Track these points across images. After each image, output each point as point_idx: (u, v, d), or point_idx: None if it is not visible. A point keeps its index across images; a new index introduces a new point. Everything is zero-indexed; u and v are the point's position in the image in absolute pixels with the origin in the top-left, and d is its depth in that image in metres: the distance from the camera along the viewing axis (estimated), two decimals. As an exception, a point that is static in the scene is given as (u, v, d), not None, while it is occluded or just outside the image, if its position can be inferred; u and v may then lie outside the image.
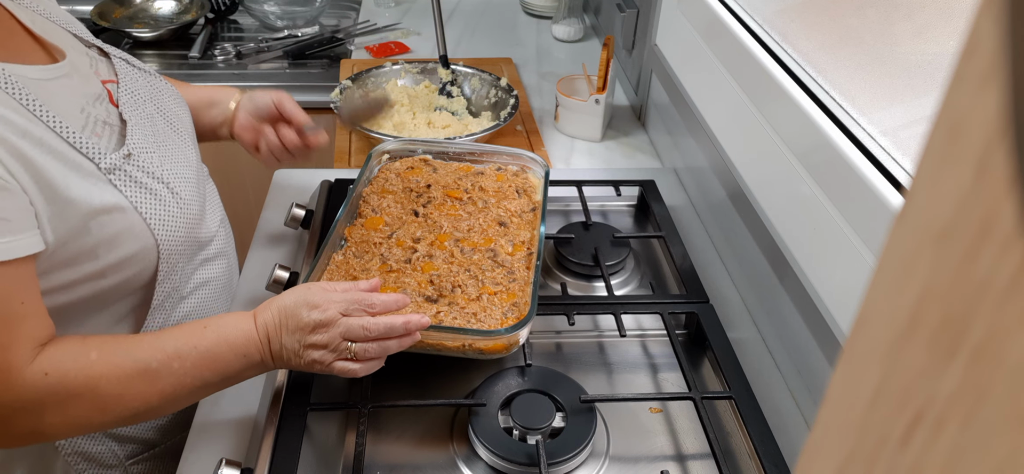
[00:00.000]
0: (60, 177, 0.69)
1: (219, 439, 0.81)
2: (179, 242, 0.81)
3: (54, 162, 0.69)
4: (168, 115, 0.90)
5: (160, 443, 0.95)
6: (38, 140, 0.68)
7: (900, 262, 0.19)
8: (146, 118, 0.84)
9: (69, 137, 0.72)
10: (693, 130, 1.18)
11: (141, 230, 0.77)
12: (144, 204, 0.77)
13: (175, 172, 0.83)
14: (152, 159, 0.80)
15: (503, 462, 0.77)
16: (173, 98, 0.93)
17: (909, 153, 0.71)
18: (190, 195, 0.84)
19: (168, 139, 0.86)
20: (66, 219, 0.70)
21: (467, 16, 1.95)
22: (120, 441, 0.91)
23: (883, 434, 0.20)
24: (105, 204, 0.73)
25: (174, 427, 0.95)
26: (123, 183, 0.75)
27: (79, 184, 0.71)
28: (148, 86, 0.89)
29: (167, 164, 0.82)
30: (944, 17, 0.70)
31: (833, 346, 0.78)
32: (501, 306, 0.85)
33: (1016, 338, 0.15)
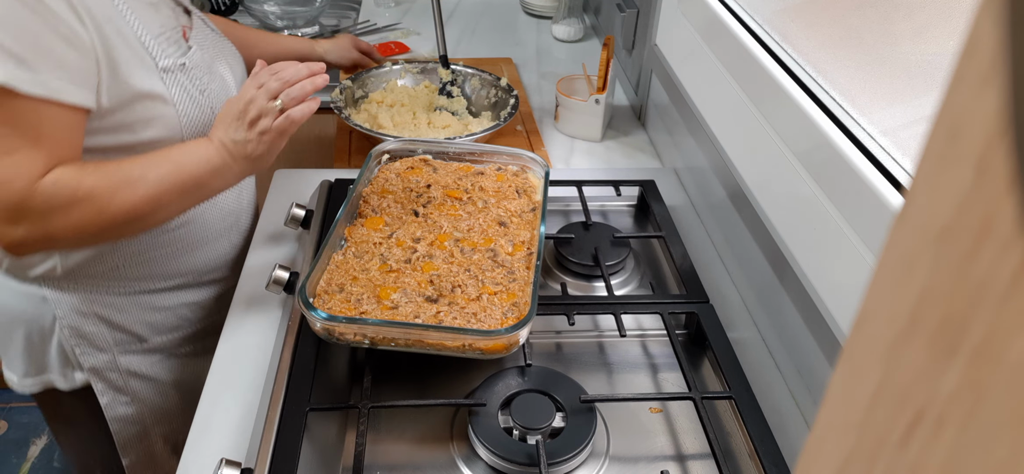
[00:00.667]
0: (124, 59, 0.87)
1: (219, 439, 0.81)
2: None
3: (124, 47, 0.87)
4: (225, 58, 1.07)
5: (148, 339, 1.07)
6: (118, 30, 0.87)
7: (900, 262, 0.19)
8: (208, 58, 1.02)
9: (141, 36, 0.90)
10: (693, 130, 1.18)
11: (173, 122, 0.93)
12: (182, 105, 0.94)
13: (217, 95, 1.00)
14: (203, 77, 0.98)
15: (503, 462, 0.77)
16: (233, 57, 1.11)
17: (909, 153, 0.71)
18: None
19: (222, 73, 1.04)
20: (119, 92, 0.88)
21: (467, 16, 1.95)
22: (111, 327, 1.04)
23: (883, 434, 0.20)
24: (152, 91, 0.91)
25: (162, 327, 1.08)
26: (172, 83, 0.93)
27: (137, 70, 0.89)
28: (215, 43, 1.06)
29: (214, 86, 1.00)
30: (944, 17, 0.70)
31: (833, 346, 0.78)
32: (501, 306, 0.85)
33: (1016, 338, 0.15)
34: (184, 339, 1.12)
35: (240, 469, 0.73)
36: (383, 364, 0.88)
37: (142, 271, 1.03)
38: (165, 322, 1.08)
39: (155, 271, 1.04)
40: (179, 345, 1.12)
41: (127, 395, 1.09)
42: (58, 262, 0.97)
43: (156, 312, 1.07)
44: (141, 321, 1.06)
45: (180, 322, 1.10)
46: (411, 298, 0.86)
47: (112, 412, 1.09)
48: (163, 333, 1.09)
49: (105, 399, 1.08)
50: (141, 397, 1.11)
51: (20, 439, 2.01)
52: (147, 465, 1.17)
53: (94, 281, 1.00)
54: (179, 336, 1.11)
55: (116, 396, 1.08)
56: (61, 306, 1.00)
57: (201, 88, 0.97)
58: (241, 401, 0.85)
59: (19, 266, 0.98)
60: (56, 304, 1.00)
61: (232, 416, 0.84)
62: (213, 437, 0.82)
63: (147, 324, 1.06)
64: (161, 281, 1.06)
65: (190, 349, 1.13)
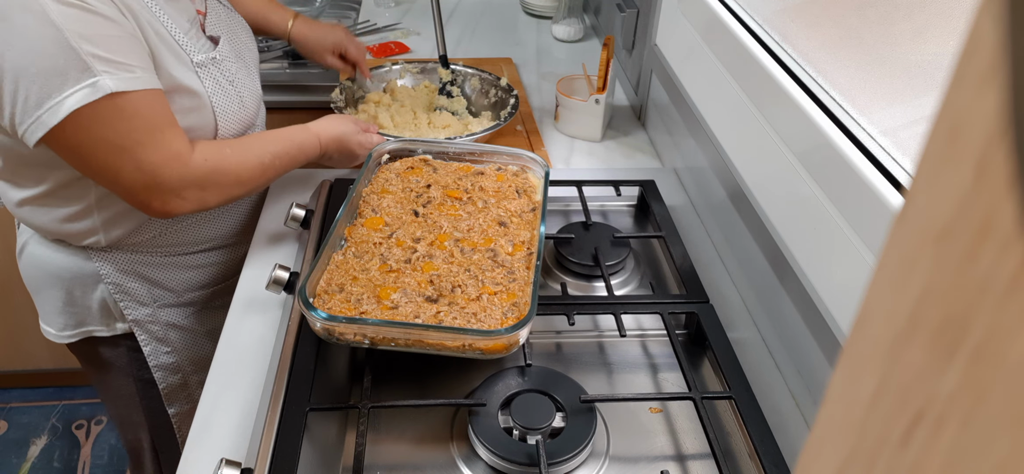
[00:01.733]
0: (163, 55, 0.95)
1: (219, 439, 0.81)
2: (231, 133, 1.06)
3: (161, 44, 0.95)
4: (241, 48, 1.13)
5: (183, 294, 1.18)
6: (155, 30, 0.94)
7: (900, 262, 0.19)
8: (234, 48, 1.09)
9: (174, 34, 0.97)
10: (693, 130, 1.18)
11: (208, 113, 1.01)
12: (216, 97, 1.01)
13: (244, 84, 1.08)
14: (231, 68, 1.05)
15: (503, 462, 0.77)
16: (246, 33, 1.18)
17: (909, 153, 0.71)
18: (252, 105, 1.10)
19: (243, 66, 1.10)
20: (164, 76, 0.94)
21: (467, 16, 1.95)
22: (151, 284, 1.14)
23: (883, 434, 0.20)
24: (189, 85, 0.98)
25: (194, 285, 1.19)
26: (206, 77, 1.01)
27: (174, 64, 0.96)
28: (229, 22, 1.13)
29: (241, 76, 1.08)
30: (944, 17, 0.70)
31: (833, 346, 0.78)
32: (501, 306, 0.85)
33: (1016, 338, 0.15)
34: (213, 294, 1.22)
35: (240, 469, 0.73)
36: (383, 364, 0.88)
37: (175, 238, 1.12)
38: (197, 279, 1.18)
39: (186, 238, 1.14)
40: (210, 299, 1.22)
41: (168, 345, 1.19)
42: (102, 236, 1.06)
43: (189, 270, 1.17)
44: (176, 279, 1.16)
45: (209, 279, 1.20)
46: (411, 298, 0.85)
47: (155, 360, 1.19)
48: (195, 289, 1.19)
49: (148, 348, 1.18)
50: (179, 346, 1.21)
51: (20, 439, 2.01)
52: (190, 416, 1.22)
53: (135, 247, 1.10)
54: (209, 291, 1.21)
55: (158, 346, 1.18)
56: (106, 267, 1.09)
57: (230, 78, 1.04)
58: (241, 401, 0.85)
59: (68, 236, 1.06)
60: (101, 265, 1.09)
61: (232, 416, 0.84)
62: (213, 437, 0.82)
63: (182, 281, 1.17)
64: (192, 246, 1.15)
65: (220, 302, 1.23)
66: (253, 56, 1.17)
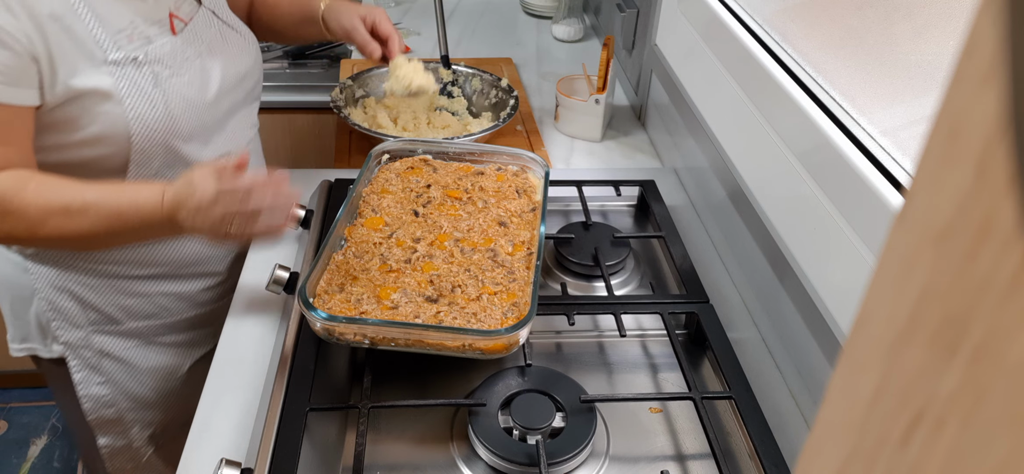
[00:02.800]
0: (66, 55, 0.85)
1: (219, 439, 0.81)
2: (154, 146, 0.93)
3: (69, 44, 0.85)
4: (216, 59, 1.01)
5: (122, 322, 1.06)
6: (66, 27, 0.84)
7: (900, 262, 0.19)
8: (190, 54, 0.98)
9: (92, 30, 0.87)
10: (693, 130, 1.18)
11: (120, 120, 0.89)
12: (130, 98, 0.89)
13: (180, 92, 0.94)
14: (162, 73, 0.93)
15: (503, 462, 0.77)
16: (235, 51, 1.06)
17: (909, 153, 0.71)
18: (185, 116, 0.95)
19: (197, 79, 0.98)
20: (62, 88, 0.85)
21: (467, 16, 1.95)
22: (83, 305, 1.03)
23: (883, 434, 0.20)
24: (97, 87, 0.87)
25: (138, 314, 1.06)
26: (121, 77, 0.89)
27: (81, 65, 0.86)
28: (215, 34, 1.03)
29: (176, 82, 0.94)
30: (944, 17, 0.70)
31: (833, 346, 0.78)
32: (501, 306, 0.85)
33: (1016, 338, 0.15)
34: (163, 327, 1.09)
35: (240, 469, 0.73)
36: (383, 364, 0.88)
37: (115, 255, 1.01)
38: (141, 308, 1.06)
39: (129, 257, 1.02)
40: (158, 332, 1.09)
41: (101, 374, 1.08)
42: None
43: (131, 297, 1.05)
44: (115, 304, 1.04)
45: (158, 310, 1.07)
46: (411, 298, 0.86)
47: (85, 389, 1.08)
48: (139, 319, 1.07)
49: (78, 375, 1.07)
50: (115, 379, 1.09)
51: (20, 439, 2.01)
52: (124, 453, 1.16)
53: (66, 258, 1.00)
54: (157, 323, 1.08)
55: (89, 374, 1.07)
56: (40, 278, 1.01)
57: (158, 82, 0.92)
58: (241, 401, 0.85)
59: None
60: (36, 276, 1.01)
61: (232, 416, 0.84)
62: (213, 437, 0.82)
63: (121, 307, 1.04)
64: (136, 268, 1.03)
65: (171, 338, 1.10)
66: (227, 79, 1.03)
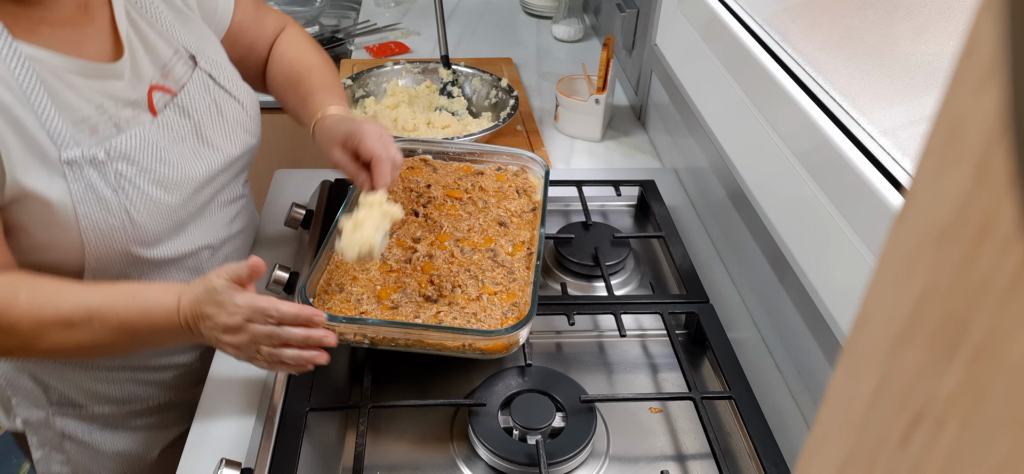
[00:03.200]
0: (16, 154, 0.74)
1: (219, 439, 0.81)
2: (113, 253, 0.81)
3: (16, 139, 0.74)
4: (205, 136, 0.90)
5: (86, 406, 0.96)
6: (14, 118, 0.73)
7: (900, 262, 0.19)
8: (172, 137, 0.86)
9: (46, 122, 0.75)
10: (693, 130, 1.18)
11: (72, 229, 0.78)
12: (84, 207, 0.78)
13: (147, 194, 0.82)
14: (127, 172, 0.80)
15: (503, 462, 0.77)
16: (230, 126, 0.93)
17: (909, 153, 0.71)
18: (150, 222, 0.83)
19: (181, 162, 0.86)
20: (9, 189, 0.75)
21: (467, 16, 1.95)
22: (44, 387, 0.94)
23: (883, 434, 0.20)
24: (45, 194, 0.76)
25: (103, 398, 0.96)
26: (74, 179, 0.77)
27: (31, 166, 0.75)
28: (209, 103, 0.91)
29: (142, 182, 0.82)
30: (944, 17, 0.70)
31: (833, 346, 0.78)
32: (501, 306, 0.85)
33: (1016, 338, 0.15)
34: (130, 413, 0.98)
35: (240, 469, 0.73)
36: (383, 364, 0.88)
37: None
38: (108, 393, 0.96)
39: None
40: (125, 418, 0.99)
41: (62, 454, 0.98)
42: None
43: (98, 383, 0.95)
44: (79, 388, 0.94)
45: (126, 396, 0.97)
46: (411, 298, 0.86)
47: (45, 468, 0.99)
48: (105, 404, 0.96)
49: (38, 454, 0.98)
50: (78, 461, 0.99)
51: (20, 439, 2.00)
52: None
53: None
54: (125, 410, 0.98)
55: (50, 453, 0.98)
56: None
57: (117, 186, 0.79)
58: (241, 401, 0.85)
59: None
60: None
61: (232, 416, 0.84)
62: (213, 437, 0.82)
63: (85, 391, 0.94)
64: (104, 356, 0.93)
65: (140, 423, 1.00)
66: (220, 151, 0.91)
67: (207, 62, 0.92)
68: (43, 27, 0.78)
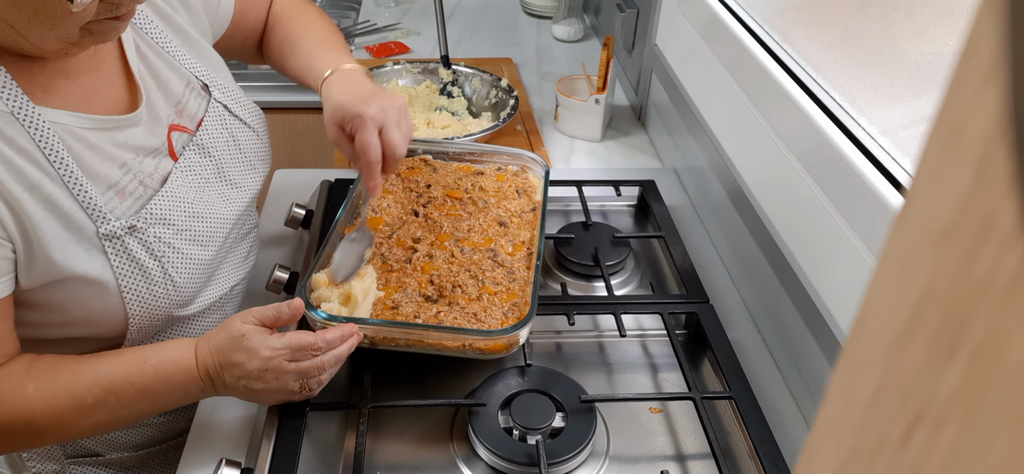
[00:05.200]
0: (51, 236, 0.70)
1: (219, 439, 0.81)
2: (155, 320, 0.80)
3: (52, 219, 0.70)
4: (227, 175, 0.88)
5: (103, 454, 0.94)
6: (45, 197, 0.69)
7: (900, 262, 0.19)
8: (194, 183, 0.83)
9: (79, 196, 0.71)
10: (693, 130, 1.18)
11: (115, 303, 0.76)
12: (128, 279, 0.76)
13: (185, 254, 0.80)
14: (164, 235, 0.78)
15: (503, 462, 0.77)
16: (248, 159, 0.92)
17: (909, 153, 0.71)
18: (189, 282, 0.81)
19: (210, 212, 0.84)
20: (43, 272, 0.71)
21: (467, 16, 1.95)
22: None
23: (883, 434, 0.20)
24: (87, 273, 0.73)
25: (121, 445, 0.94)
26: (115, 253, 0.74)
27: (69, 245, 0.71)
28: (227, 139, 0.89)
29: (179, 243, 0.80)
30: (944, 17, 0.70)
31: (833, 346, 0.78)
32: (501, 306, 0.85)
33: (1016, 338, 0.15)
34: (147, 455, 0.96)
35: (240, 469, 0.73)
36: (383, 364, 0.88)
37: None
38: (124, 439, 0.93)
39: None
40: (141, 461, 0.96)
41: None
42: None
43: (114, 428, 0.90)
44: (96, 439, 0.92)
45: (143, 440, 0.94)
46: (411, 298, 0.86)
47: None
48: (121, 450, 0.94)
49: None
50: None
51: (20, 439, 2.00)
52: None
53: None
54: (141, 452, 0.95)
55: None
56: None
57: (157, 253, 0.77)
58: (241, 401, 0.85)
59: None
60: None
61: (232, 416, 0.84)
62: (213, 437, 0.82)
63: (103, 440, 0.92)
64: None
65: (155, 461, 0.98)
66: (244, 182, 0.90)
67: (221, 92, 0.90)
68: (59, 81, 0.74)
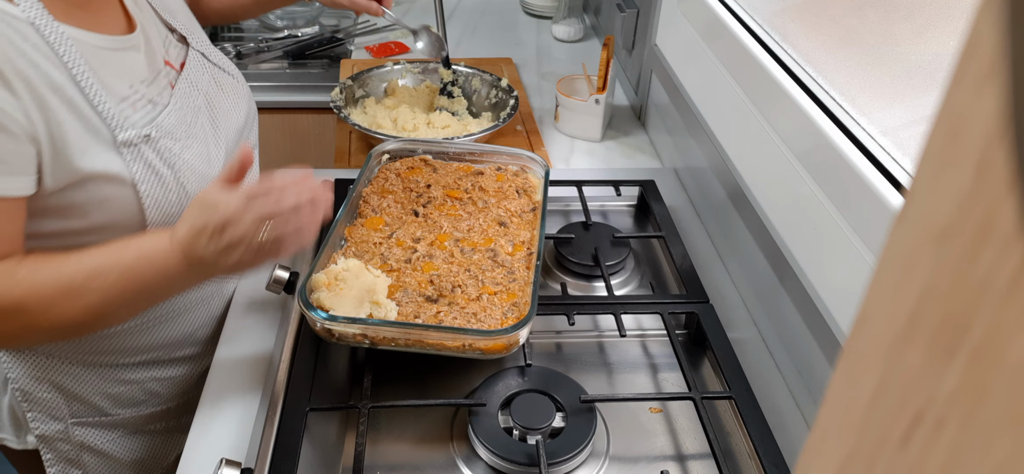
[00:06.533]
0: (74, 136, 0.74)
1: (219, 439, 0.81)
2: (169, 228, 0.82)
3: (74, 121, 0.74)
4: (216, 112, 0.93)
5: (109, 412, 0.96)
6: (68, 99, 0.74)
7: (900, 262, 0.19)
8: (190, 109, 0.88)
9: (98, 103, 0.76)
10: (693, 130, 1.18)
11: (131, 205, 0.80)
12: (145, 184, 0.80)
13: (192, 166, 0.85)
14: (173, 147, 0.83)
15: (503, 462, 0.77)
16: (231, 99, 0.97)
17: (909, 153, 0.71)
18: (196, 189, 0.85)
19: (203, 134, 0.89)
20: (66, 171, 0.75)
21: (467, 16, 1.95)
22: (67, 396, 0.93)
23: (883, 434, 0.20)
24: (107, 171, 0.77)
25: (125, 401, 0.96)
26: (132, 159, 0.79)
27: (90, 146, 0.76)
28: (209, 81, 0.94)
29: (187, 155, 0.85)
30: (944, 17, 0.70)
31: (833, 346, 0.78)
32: (501, 306, 0.85)
33: (1016, 338, 0.15)
34: (151, 416, 0.99)
35: (240, 469, 0.73)
36: (383, 364, 0.88)
37: (105, 345, 0.91)
38: (130, 396, 0.96)
39: (120, 345, 0.92)
40: (145, 422, 0.99)
41: (79, 468, 0.98)
42: None
43: (120, 385, 0.95)
44: (102, 393, 0.94)
45: (147, 397, 0.98)
46: (411, 298, 0.86)
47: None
48: (127, 407, 0.97)
49: (53, 470, 0.97)
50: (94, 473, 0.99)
51: (20, 439, 2.00)
52: None
53: (49, 351, 0.90)
54: (145, 412, 0.98)
55: (66, 468, 0.97)
56: (14, 369, 0.91)
57: (169, 162, 0.82)
58: (241, 401, 0.85)
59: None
60: (8, 366, 0.91)
61: (232, 416, 0.84)
62: (213, 437, 0.82)
63: (108, 397, 0.95)
64: (127, 356, 0.93)
65: (158, 426, 1.01)
66: (229, 123, 0.95)
67: (198, 42, 0.96)
68: (73, 7, 0.79)
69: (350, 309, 0.82)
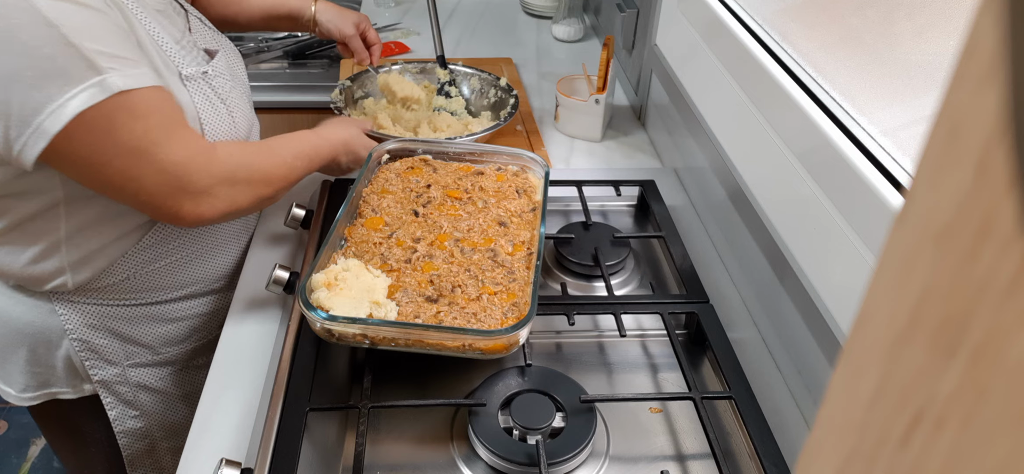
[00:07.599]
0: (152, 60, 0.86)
1: (219, 439, 0.81)
2: None
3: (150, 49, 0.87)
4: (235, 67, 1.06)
5: (159, 350, 1.07)
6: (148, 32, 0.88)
7: (900, 262, 0.19)
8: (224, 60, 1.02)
9: (163, 46, 0.90)
10: (693, 130, 1.18)
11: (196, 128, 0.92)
12: (206, 113, 0.93)
13: (238, 105, 1.00)
14: (224, 85, 0.98)
15: (503, 462, 0.77)
16: (236, 56, 1.11)
17: (909, 153, 0.71)
18: (243, 126, 1.01)
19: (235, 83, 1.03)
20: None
21: (467, 16, 1.95)
22: (122, 340, 1.03)
23: (883, 434, 0.20)
24: (180, 98, 0.89)
25: (172, 339, 1.07)
26: (195, 91, 0.92)
27: (164, 71, 0.88)
28: (218, 41, 1.06)
29: (234, 95, 1.00)
30: (944, 17, 0.70)
31: (833, 346, 0.78)
32: (501, 306, 0.85)
33: (1016, 338, 0.15)
34: (194, 351, 1.11)
35: (240, 469, 0.73)
36: (383, 364, 0.88)
37: (153, 282, 1.01)
38: (176, 333, 1.07)
39: (165, 282, 1.02)
40: (190, 357, 1.11)
41: (136, 409, 1.08)
42: (69, 277, 0.94)
43: (167, 323, 1.05)
44: (152, 333, 1.05)
45: (190, 332, 1.09)
46: (411, 298, 0.85)
47: (121, 425, 1.08)
48: (174, 345, 1.08)
49: (114, 412, 1.06)
50: (150, 410, 1.10)
51: (20, 439, 2.01)
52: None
53: (105, 294, 0.98)
54: (189, 347, 1.10)
55: (125, 409, 1.07)
56: (72, 320, 0.98)
57: (222, 96, 0.96)
58: (241, 401, 0.85)
59: (31, 280, 0.94)
60: (66, 318, 0.98)
61: (232, 416, 0.84)
62: (213, 437, 0.82)
63: (158, 336, 1.06)
64: (172, 291, 1.04)
65: (201, 361, 1.12)
66: (244, 78, 1.10)
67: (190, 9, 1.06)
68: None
69: (350, 309, 0.82)
